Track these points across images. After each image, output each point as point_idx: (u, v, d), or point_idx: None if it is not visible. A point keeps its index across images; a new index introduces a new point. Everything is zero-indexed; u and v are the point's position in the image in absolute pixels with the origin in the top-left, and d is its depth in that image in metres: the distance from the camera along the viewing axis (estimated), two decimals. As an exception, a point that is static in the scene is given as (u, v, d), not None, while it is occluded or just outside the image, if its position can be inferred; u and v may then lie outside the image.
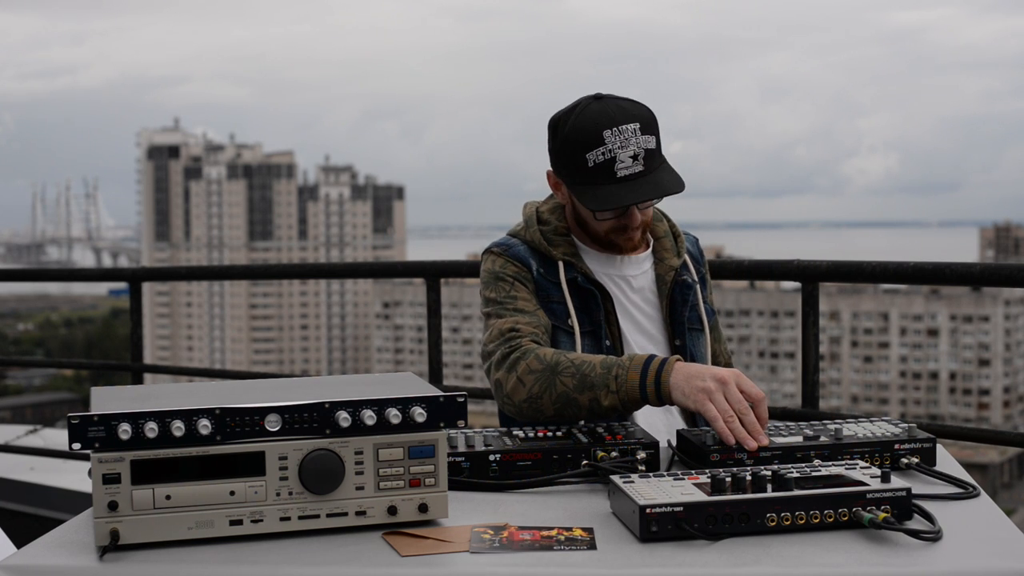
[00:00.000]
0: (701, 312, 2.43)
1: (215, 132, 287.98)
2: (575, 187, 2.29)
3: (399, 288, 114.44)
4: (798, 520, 1.61)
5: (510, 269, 2.37)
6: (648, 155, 2.24)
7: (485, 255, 2.44)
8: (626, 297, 2.40)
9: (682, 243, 2.47)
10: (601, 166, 2.23)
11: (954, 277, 3.23)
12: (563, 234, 2.41)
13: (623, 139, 2.22)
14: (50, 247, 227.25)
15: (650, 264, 2.44)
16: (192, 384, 1.93)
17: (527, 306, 2.32)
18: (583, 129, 2.24)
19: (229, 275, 5.57)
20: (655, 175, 2.25)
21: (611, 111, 2.24)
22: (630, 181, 2.23)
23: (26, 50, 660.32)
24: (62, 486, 5.60)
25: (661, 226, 2.48)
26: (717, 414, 1.95)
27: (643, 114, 2.27)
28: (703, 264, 2.53)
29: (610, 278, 2.40)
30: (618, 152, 2.22)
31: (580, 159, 2.25)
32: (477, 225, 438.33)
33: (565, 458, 1.94)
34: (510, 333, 2.26)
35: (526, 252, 2.39)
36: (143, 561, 1.55)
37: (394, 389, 1.75)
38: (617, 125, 2.22)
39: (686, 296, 2.40)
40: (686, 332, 2.39)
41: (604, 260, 2.41)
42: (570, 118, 2.28)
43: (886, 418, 2.14)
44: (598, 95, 2.30)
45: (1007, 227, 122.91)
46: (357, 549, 1.60)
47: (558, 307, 2.34)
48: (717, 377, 2.00)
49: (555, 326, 2.34)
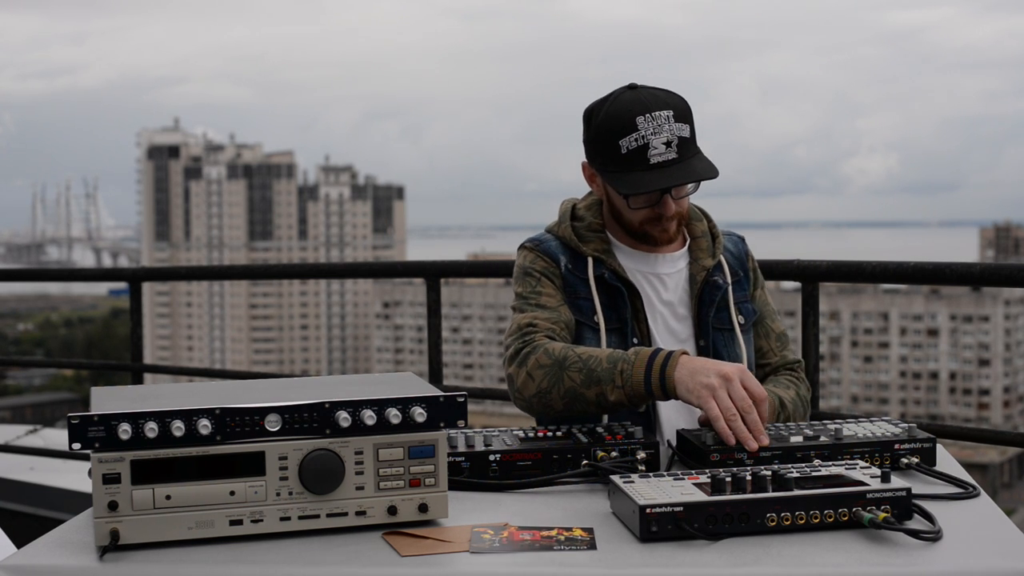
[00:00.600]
0: (732, 313, 2.39)
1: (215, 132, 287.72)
2: (608, 174, 2.29)
3: (399, 288, 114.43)
4: (798, 520, 1.61)
5: (539, 264, 2.38)
6: (682, 143, 2.23)
7: (519, 250, 2.46)
8: (657, 295, 2.39)
9: (719, 244, 2.44)
10: (634, 152, 2.22)
11: (954, 277, 3.23)
12: (597, 230, 2.40)
13: (656, 125, 2.21)
14: (50, 247, 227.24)
15: (685, 263, 2.42)
16: (192, 384, 1.93)
17: (550, 302, 2.33)
18: (616, 116, 2.25)
19: (229, 275, 5.57)
20: (689, 163, 2.24)
21: (644, 99, 2.24)
22: (663, 168, 2.22)
23: (26, 50, 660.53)
24: (62, 486, 5.60)
25: (700, 226, 2.46)
26: (719, 413, 1.95)
27: (677, 103, 2.26)
28: (747, 265, 2.49)
29: (643, 275, 2.39)
30: (651, 138, 2.21)
31: (613, 146, 2.24)
32: (477, 225, 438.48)
33: (565, 458, 1.94)
34: (527, 328, 2.28)
35: (557, 248, 2.40)
36: (143, 561, 1.55)
37: (394, 389, 1.75)
38: (650, 112, 2.22)
39: (713, 297, 2.38)
40: (711, 332, 2.37)
41: (638, 257, 2.40)
42: (604, 107, 2.29)
43: (886, 418, 2.14)
44: (632, 85, 2.30)
45: (1007, 227, 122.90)
46: (357, 549, 1.60)
47: (585, 304, 2.34)
48: (721, 373, 1.99)
49: (581, 323, 2.33)
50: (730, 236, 2.51)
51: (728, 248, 2.47)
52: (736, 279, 2.44)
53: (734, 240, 2.51)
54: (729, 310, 2.40)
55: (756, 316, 2.45)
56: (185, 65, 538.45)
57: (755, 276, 2.50)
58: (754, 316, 2.44)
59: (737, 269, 2.46)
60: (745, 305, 2.43)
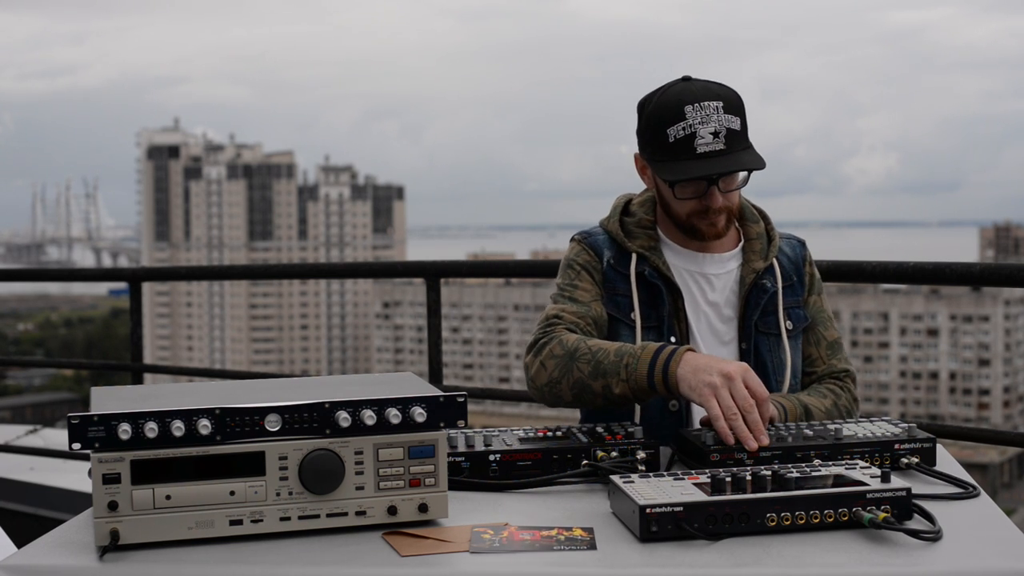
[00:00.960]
0: (780, 318, 2.35)
1: (215, 132, 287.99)
2: (655, 163, 2.29)
3: (399, 288, 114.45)
4: (798, 520, 1.61)
5: (582, 258, 2.39)
6: (730, 135, 2.22)
7: (570, 241, 2.47)
8: (703, 295, 2.37)
9: (774, 246, 2.40)
10: (681, 141, 2.22)
11: (954, 277, 3.23)
12: (647, 227, 2.39)
13: (704, 115, 2.21)
14: (50, 247, 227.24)
15: (736, 264, 2.39)
16: (192, 384, 1.93)
17: (583, 296, 2.34)
18: (666, 105, 2.25)
19: (229, 275, 5.58)
20: (736, 154, 2.23)
21: (695, 89, 2.25)
22: (710, 158, 2.22)
23: (26, 50, 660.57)
24: (62, 486, 5.60)
25: (755, 227, 2.42)
26: (719, 412, 1.95)
27: (729, 95, 2.26)
28: (803, 270, 2.44)
29: (689, 274, 2.37)
30: (698, 128, 2.21)
31: (662, 135, 2.25)
32: (477, 225, 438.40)
33: (565, 458, 1.94)
34: (551, 319, 2.30)
35: (604, 242, 2.40)
36: (143, 561, 1.55)
37: (394, 389, 1.75)
38: (699, 101, 2.22)
39: (759, 300, 2.35)
40: (754, 336, 2.34)
41: (686, 256, 2.39)
42: (655, 97, 2.30)
43: (886, 418, 2.14)
44: (686, 77, 2.30)
45: (1007, 227, 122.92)
46: (357, 549, 1.60)
47: (623, 300, 2.34)
48: (724, 372, 1.99)
49: (618, 319, 2.33)
50: (789, 240, 2.48)
51: (784, 251, 2.43)
52: (789, 283, 2.40)
53: (793, 244, 2.47)
54: (777, 314, 2.37)
55: (807, 322, 2.40)
56: (185, 65, 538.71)
57: (811, 282, 2.44)
58: (805, 322, 2.39)
59: (791, 273, 2.41)
60: (796, 311, 2.39)
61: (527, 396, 4.70)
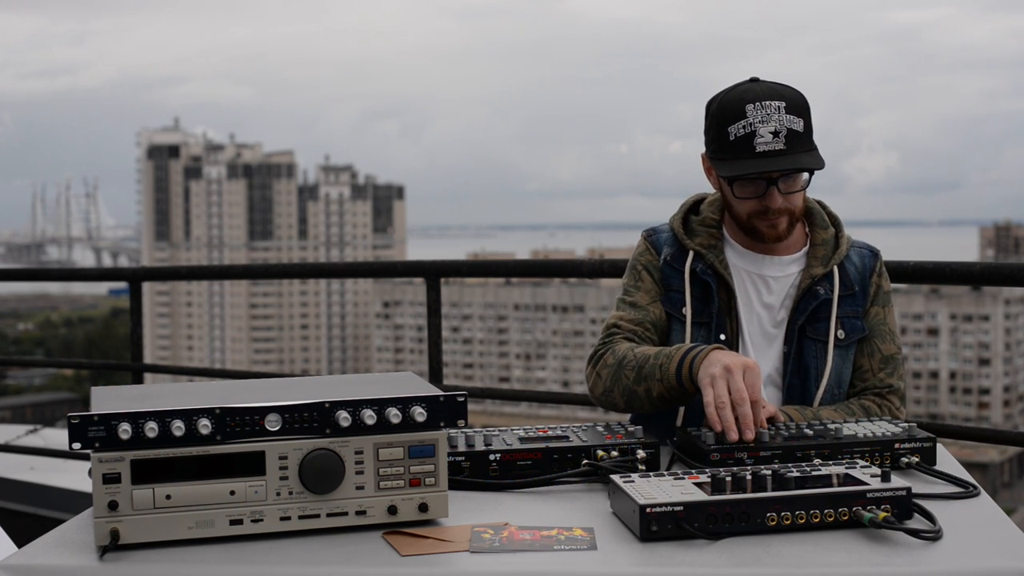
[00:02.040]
0: (831, 325, 2.32)
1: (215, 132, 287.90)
2: (716, 161, 2.30)
3: (399, 288, 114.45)
4: (798, 520, 1.61)
5: (644, 257, 2.43)
6: (791, 135, 2.22)
7: (640, 237, 2.49)
8: (758, 296, 2.37)
9: (839, 254, 2.37)
10: (741, 140, 2.23)
11: (954, 276, 3.23)
12: (711, 225, 2.41)
13: (765, 114, 2.22)
14: (50, 247, 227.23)
15: (798, 269, 2.38)
16: (192, 384, 1.93)
17: (643, 299, 2.38)
18: (729, 104, 2.27)
19: (229, 275, 5.57)
20: (796, 155, 2.23)
21: (759, 89, 2.26)
22: (768, 156, 2.22)
23: (26, 50, 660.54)
24: (62, 486, 5.60)
25: (823, 233, 2.40)
26: (711, 400, 1.98)
27: (792, 96, 2.26)
28: (868, 280, 2.39)
29: (748, 275, 2.38)
30: (759, 127, 2.22)
31: (723, 133, 2.26)
32: (477, 225, 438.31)
33: (565, 458, 1.94)
34: (611, 330, 2.36)
35: (666, 239, 2.44)
36: (143, 561, 1.56)
37: (394, 389, 1.75)
38: (761, 101, 2.23)
39: (808, 305, 2.33)
40: (797, 340, 2.32)
41: (748, 257, 2.39)
42: (721, 96, 2.31)
43: (886, 418, 2.14)
44: (754, 78, 2.32)
45: (1007, 226, 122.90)
46: (357, 549, 1.60)
47: (676, 296, 2.37)
48: (726, 365, 2.01)
49: (672, 316, 2.36)
50: (860, 249, 2.43)
51: (852, 260, 2.40)
52: (849, 292, 2.36)
53: (863, 254, 2.42)
54: (829, 322, 2.33)
55: (863, 334, 2.35)
56: (185, 65, 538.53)
57: (876, 293, 2.39)
58: (861, 333, 2.35)
59: (854, 283, 2.37)
60: (853, 321, 2.35)
61: (527, 396, 4.71)
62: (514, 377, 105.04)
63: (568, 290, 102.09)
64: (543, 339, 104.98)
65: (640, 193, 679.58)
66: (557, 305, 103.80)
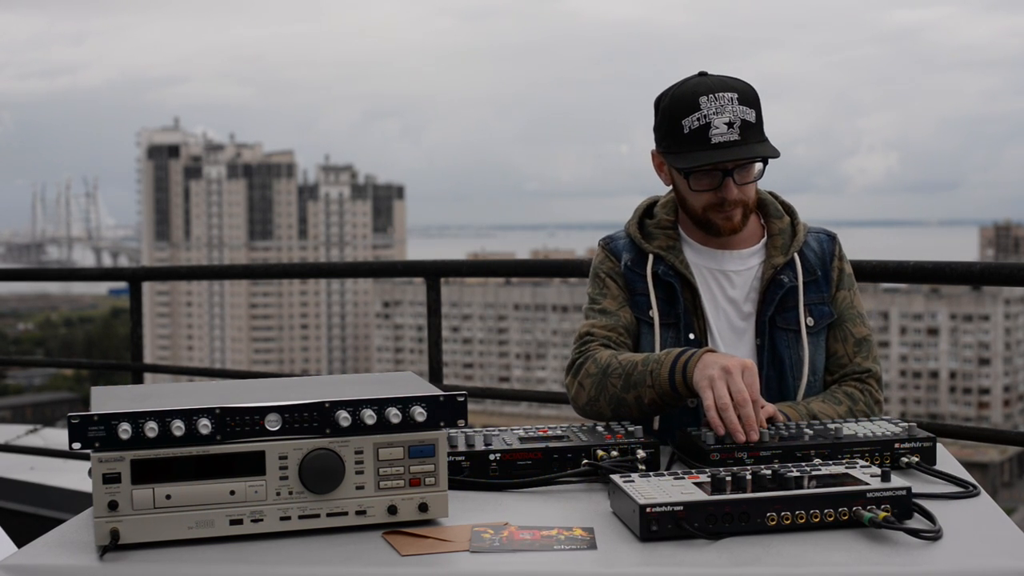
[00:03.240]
0: (800, 314, 2.33)
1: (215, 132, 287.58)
2: (670, 155, 2.30)
3: (399, 288, 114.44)
4: (798, 519, 1.61)
5: (605, 265, 2.43)
6: (745, 126, 2.23)
7: (597, 247, 2.49)
8: (722, 292, 2.37)
9: (797, 241, 2.38)
10: (696, 132, 2.23)
11: (954, 276, 3.23)
12: (666, 227, 2.41)
13: (719, 106, 2.22)
14: (50, 247, 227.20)
15: (758, 261, 2.39)
16: (192, 384, 1.93)
17: (611, 306, 2.37)
18: (681, 98, 2.27)
19: (229, 275, 5.57)
20: (751, 145, 2.24)
21: (710, 81, 2.27)
22: (724, 147, 2.22)
23: (26, 50, 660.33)
24: (62, 486, 5.60)
25: (779, 223, 2.41)
26: (712, 403, 1.97)
27: (743, 88, 2.27)
28: (829, 265, 2.40)
29: (709, 272, 2.38)
30: (713, 118, 2.22)
31: (677, 126, 2.26)
32: (477, 225, 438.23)
33: (565, 457, 1.94)
34: (584, 338, 2.34)
35: (624, 245, 2.43)
36: (143, 561, 1.56)
37: (394, 388, 1.75)
38: (714, 92, 2.24)
39: (774, 295, 2.33)
40: (769, 332, 2.32)
41: (706, 254, 2.39)
42: (671, 91, 2.32)
43: (886, 417, 2.14)
44: (702, 72, 2.32)
45: (1007, 226, 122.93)
46: (357, 549, 1.60)
47: (642, 300, 2.37)
48: (724, 366, 2.00)
49: (640, 320, 2.36)
50: (818, 234, 2.43)
51: (811, 246, 2.40)
52: (812, 279, 2.36)
53: (821, 238, 2.43)
54: (798, 310, 2.34)
55: (832, 318, 2.36)
56: (185, 65, 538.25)
57: (840, 277, 2.40)
58: (829, 318, 2.36)
59: (816, 268, 2.38)
60: (820, 307, 2.35)
61: (527, 396, 4.71)
62: (514, 377, 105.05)
63: (568, 290, 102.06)
64: (543, 339, 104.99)
65: (640, 193, 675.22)
66: (557, 305, 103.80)
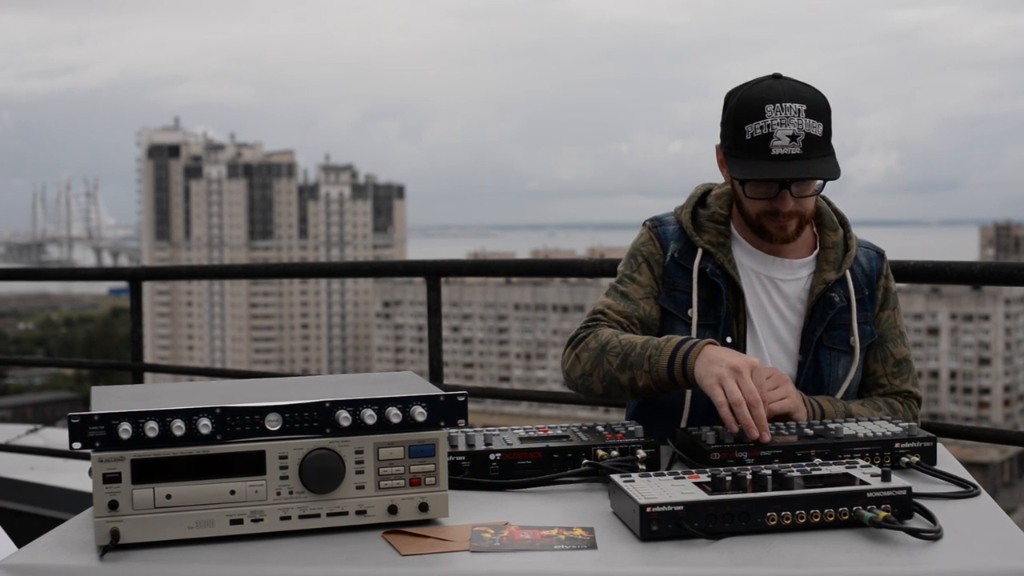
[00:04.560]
0: (851, 333, 2.29)
1: (215, 131, 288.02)
2: (730, 158, 2.24)
3: (399, 287, 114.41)
4: (798, 519, 1.61)
5: (647, 248, 2.36)
6: (809, 139, 2.16)
7: (643, 225, 2.42)
8: (769, 299, 2.32)
9: (850, 257, 2.33)
10: (757, 140, 2.17)
11: (954, 276, 3.22)
12: (719, 221, 2.34)
13: (784, 116, 2.16)
14: (50, 246, 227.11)
15: (808, 272, 2.33)
16: (192, 383, 1.93)
17: (636, 292, 2.32)
18: (748, 102, 2.20)
19: (229, 274, 5.57)
20: (812, 161, 2.17)
21: (780, 88, 2.19)
22: (783, 160, 2.16)
23: (26, 50, 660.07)
24: (62, 485, 5.60)
25: (833, 236, 2.35)
26: (724, 400, 1.95)
27: (814, 97, 2.20)
28: (876, 284, 2.36)
29: (756, 276, 2.32)
30: (776, 128, 2.16)
31: (740, 131, 2.20)
32: (477, 225, 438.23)
33: (565, 457, 1.94)
34: (596, 315, 2.30)
35: (673, 233, 2.36)
36: (143, 560, 1.55)
37: (394, 388, 1.75)
38: (781, 102, 2.17)
39: (825, 314, 2.29)
40: (814, 349, 2.29)
41: (757, 257, 2.34)
42: (741, 90, 2.25)
43: (886, 417, 2.14)
44: (776, 74, 2.25)
45: (1007, 226, 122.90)
46: (357, 548, 1.60)
47: (681, 296, 2.31)
48: (733, 365, 1.98)
49: (675, 316, 2.30)
50: (868, 251, 2.40)
51: (860, 262, 2.36)
52: (859, 297, 2.33)
53: (870, 255, 2.39)
54: (847, 329, 2.30)
55: (873, 339, 2.33)
56: (185, 65, 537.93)
57: (884, 296, 2.37)
58: (870, 339, 2.33)
59: (863, 286, 2.34)
60: (863, 327, 2.32)
61: (527, 396, 4.71)
62: (514, 377, 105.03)
63: (568, 290, 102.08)
64: (543, 339, 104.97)
65: (640, 193, 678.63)
66: (557, 305, 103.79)
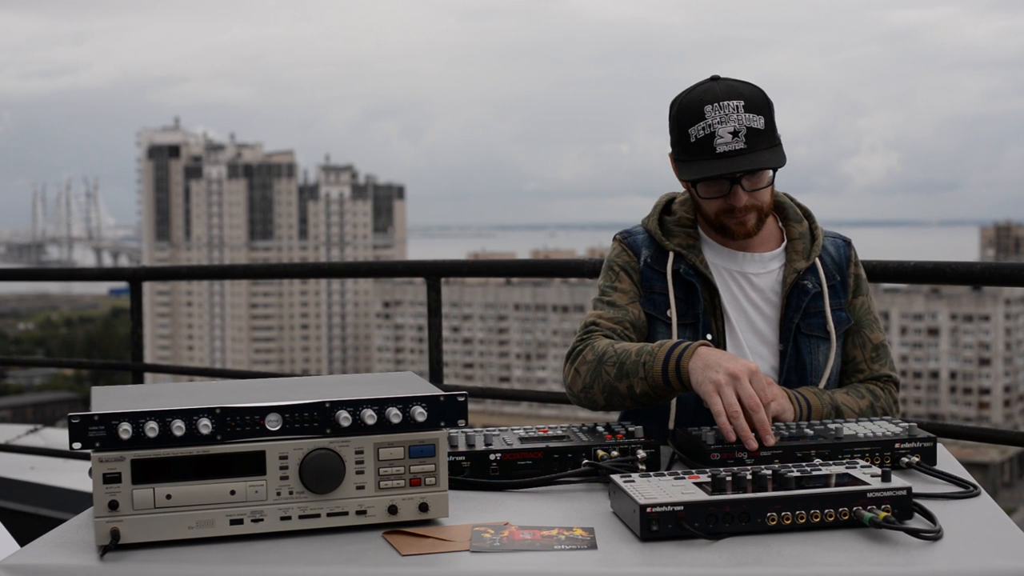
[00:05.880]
0: (826, 320, 2.33)
1: (215, 132, 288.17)
2: (679, 163, 2.31)
3: (399, 287, 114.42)
4: (798, 519, 1.61)
5: (621, 258, 2.40)
6: (752, 133, 2.22)
7: (612, 240, 2.47)
8: (743, 294, 2.36)
9: (817, 246, 2.38)
10: (701, 141, 2.23)
11: (955, 276, 3.23)
12: (686, 225, 2.40)
13: (723, 115, 2.21)
14: (50, 247, 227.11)
15: (779, 265, 2.38)
16: (192, 384, 1.93)
17: (621, 299, 2.35)
18: (688, 106, 2.26)
19: (229, 275, 5.57)
20: (757, 154, 2.23)
21: (718, 89, 2.25)
22: (729, 157, 2.22)
23: (26, 50, 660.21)
24: (63, 485, 5.60)
25: (799, 227, 2.41)
26: (721, 408, 1.95)
27: (752, 93, 2.25)
28: (847, 270, 2.41)
29: (729, 273, 2.37)
30: (717, 127, 2.21)
31: (684, 134, 2.26)
32: (477, 225, 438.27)
33: (565, 457, 1.94)
34: (589, 327, 2.32)
35: (643, 241, 2.41)
36: (143, 560, 1.56)
37: (395, 388, 1.75)
38: (719, 101, 2.22)
39: (800, 301, 2.33)
40: (794, 338, 2.32)
41: (726, 255, 2.38)
42: (682, 96, 2.30)
43: (886, 417, 2.14)
44: (714, 77, 2.30)
45: (1007, 226, 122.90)
46: (357, 548, 1.60)
47: (659, 298, 2.35)
48: (730, 371, 1.98)
49: (655, 318, 2.34)
50: (834, 239, 2.44)
51: (828, 251, 2.41)
52: (831, 284, 2.37)
53: (837, 243, 2.44)
54: (821, 316, 2.34)
55: (849, 324, 2.37)
56: (185, 65, 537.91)
57: (856, 283, 2.42)
58: (847, 324, 2.37)
59: (834, 273, 2.39)
60: (838, 313, 2.36)
61: (527, 396, 4.71)
62: (514, 377, 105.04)
63: (568, 290, 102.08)
64: (543, 339, 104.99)
65: (640, 193, 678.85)
66: (557, 305, 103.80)
